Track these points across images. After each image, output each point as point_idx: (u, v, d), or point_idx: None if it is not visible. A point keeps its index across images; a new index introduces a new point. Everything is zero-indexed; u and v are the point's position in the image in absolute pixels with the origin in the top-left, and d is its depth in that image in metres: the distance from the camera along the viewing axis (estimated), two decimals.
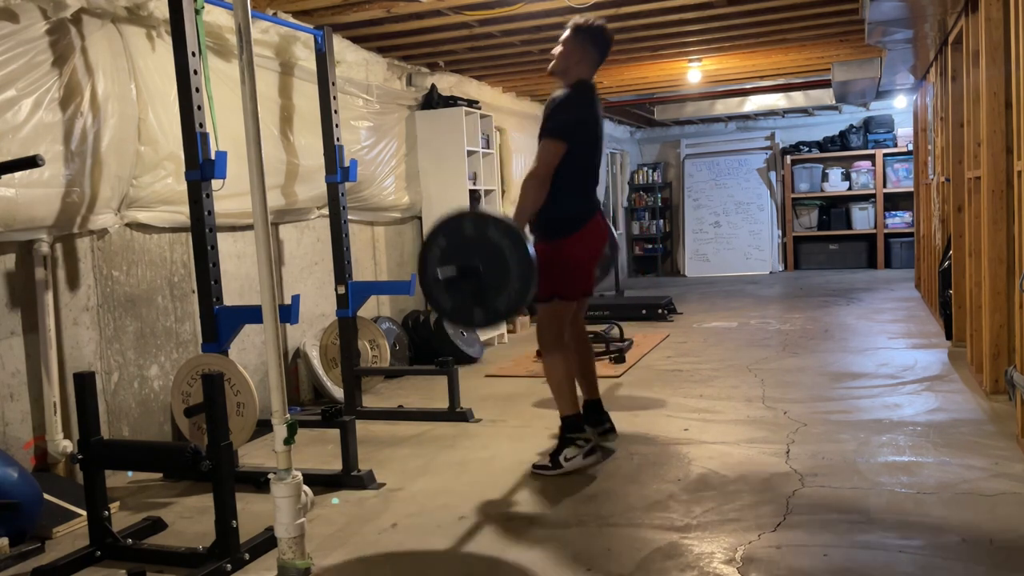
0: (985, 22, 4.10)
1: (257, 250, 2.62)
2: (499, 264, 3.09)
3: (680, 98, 10.12)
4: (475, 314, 3.19)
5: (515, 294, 3.10)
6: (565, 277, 3.52)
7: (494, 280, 3.11)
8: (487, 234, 3.11)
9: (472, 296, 3.17)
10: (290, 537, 2.58)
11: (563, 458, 3.50)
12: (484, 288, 3.13)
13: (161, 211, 4.08)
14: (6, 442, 3.38)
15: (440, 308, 3.28)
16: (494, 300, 3.13)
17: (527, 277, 3.08)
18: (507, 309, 3.14)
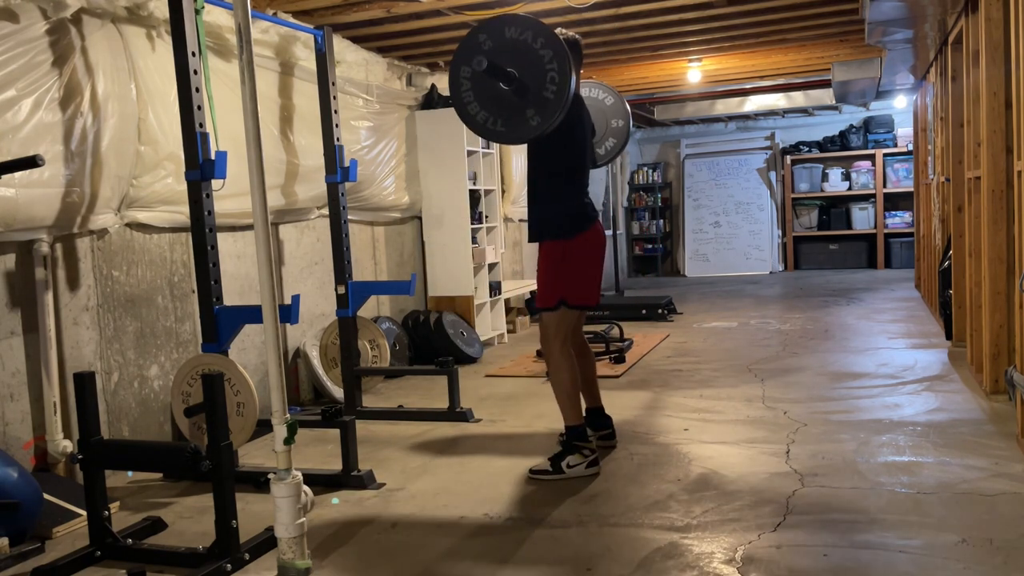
0: (985, 22, 4.10)
1: (257, 250, 2.62)
2: (536, 81, 2.93)
3: (680, 98, 10.12)
4: (500, 123, 3.02)
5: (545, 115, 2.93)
6: (573, 281, 3.49)
7: (526, 95, 2.95)
8: (537, 47, 2.95)
9: (499, 103, 2.99)
10: (290, 537, 2.58)
11: (566, 464, 3.48)
12: (514, 99, 2.96)
13: (161, 211, 4.08)
14: (6, 442, 3.38)
15: (465, 111, 3.09)
16: (522, 115, 2.96)
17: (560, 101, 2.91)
18: (536, 127, 2.96)
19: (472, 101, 3.06)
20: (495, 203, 7.19)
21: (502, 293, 7.19)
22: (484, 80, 3.00)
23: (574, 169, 3.51)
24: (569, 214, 3.48)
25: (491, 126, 3.07)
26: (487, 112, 3.06)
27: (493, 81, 2.98)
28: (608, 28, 5.79)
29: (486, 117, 3.07)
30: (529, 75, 2.95)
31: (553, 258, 3.48)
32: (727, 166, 12.50)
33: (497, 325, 7.13)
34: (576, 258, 3.48)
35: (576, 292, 3.51)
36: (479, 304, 6.75)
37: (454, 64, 3.07)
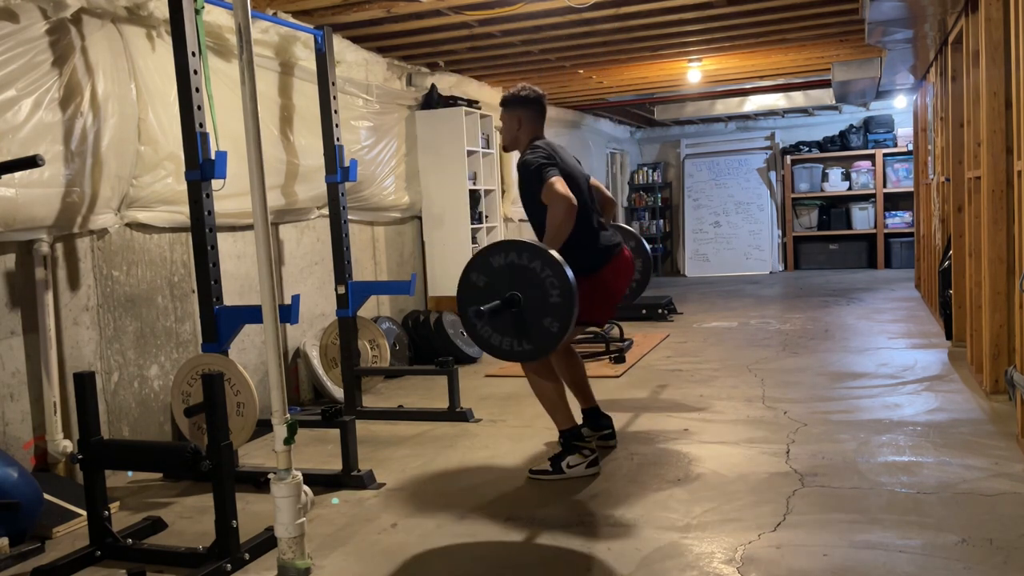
0: (985, 22, 4.10)
1: (257, 250, 2.62)
2: (540, 292, 3.02)
3: (680, 98, 10.12)
4: (520, 344, 3.11)
5: (561, 318, 3.02)
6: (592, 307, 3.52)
7: (537, 308, 3.03)
8: (524, 263, 3.05)
9: (516, 325, 3.08)
10: (290, 537, 2.58)
11: (566, 464, 3.50)
12: (527, 317, 3.05)
13: (161, 211, 4.08)
14: (6, 442, 3.38)
15: (486, 343, 3.19)
16: (540, 326, 3.05)
17: (568, 300, 3.00)
18: (557, 333, 3.04)
19: (492, 334, 3.15)
20: (495, 203, 7.20)
21: None
22: (495, 315, 3.09)
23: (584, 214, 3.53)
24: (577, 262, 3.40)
25: (519, 347, 3.13)
26: (510, 338, 3.12)
27: (504, 312, 3.09)
28: (608, 28, 5.79)
29: (511, 343, 3.13)
30: (531, 290, 3.04)
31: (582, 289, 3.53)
32: (727, 166, 12.50)
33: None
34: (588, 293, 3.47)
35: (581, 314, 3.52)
36: None
37: (461, 314, 3.17)
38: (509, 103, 3.70)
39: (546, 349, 3.11)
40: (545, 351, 3.12)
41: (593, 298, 3.52)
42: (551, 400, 3.58)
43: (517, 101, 3.69)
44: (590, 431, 3.85)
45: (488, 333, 3.15)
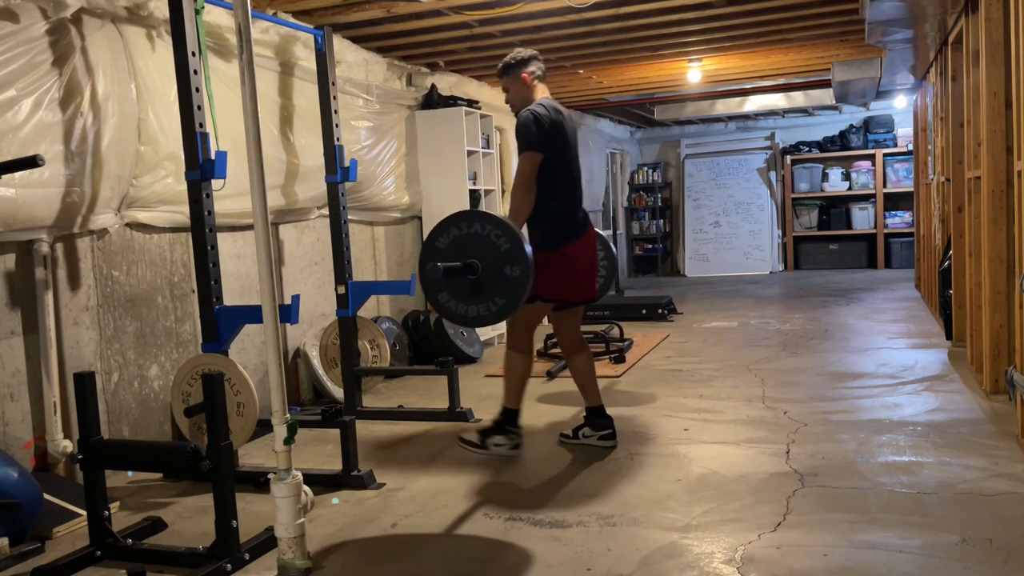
0: (985, 22, 4.10)
1: (257, 250, 2.62)
2: (498, 262, 3.18)
3: (680, 98, 10.12)
4: (473, 311, 3.27)
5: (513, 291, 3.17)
6: (550, 283, 3.69)
7: (493, 277, 3.19)
8: (487, 233, 3.20)
9: (472, 292, 3.24)
10: (290, 537, 2.58)
11: (492, 442, 3.78)
12: (483, 285, 3.21)
13: (161, 211, 4.08)
14: (6, 442, 3.38)
15: (440, 304, 3.34)
16: (493, 296, 3.21)
17: (525, 275, 3.15)
18: (505, 305, 3.20)
19: (450, 300, 3.31)
20: (495, 203, 7.19)
21: None
22: (454, 281, 3.25)
23: (556, 186, 3.71)
24: (549, 231, 3.71)
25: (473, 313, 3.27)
26: (466, 304, 3.27)
27: (462, 278, 3.23)
28: (608, 28, 5.79)
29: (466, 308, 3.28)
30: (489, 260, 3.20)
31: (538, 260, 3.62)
32: (727, 166, 12.50)
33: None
34: (554, 266, 3.69)
35: (552, 291, 3.73)
36: None
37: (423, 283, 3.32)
38: (509, 68, 3.84)
39: (498, 317, 3.25)
40: (497, 319, 3.26)
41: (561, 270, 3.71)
42: (515, 377, 3.79)
43: (517, 65, 3.82)
44: (590, 431, 3.87)
45: (447, 298, 3.29)
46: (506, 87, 3.89)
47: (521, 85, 3.83)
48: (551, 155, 3.67)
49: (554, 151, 3.68)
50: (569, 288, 3.79)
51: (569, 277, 3.76)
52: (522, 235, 3.21)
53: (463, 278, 3.22)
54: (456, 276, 3.22)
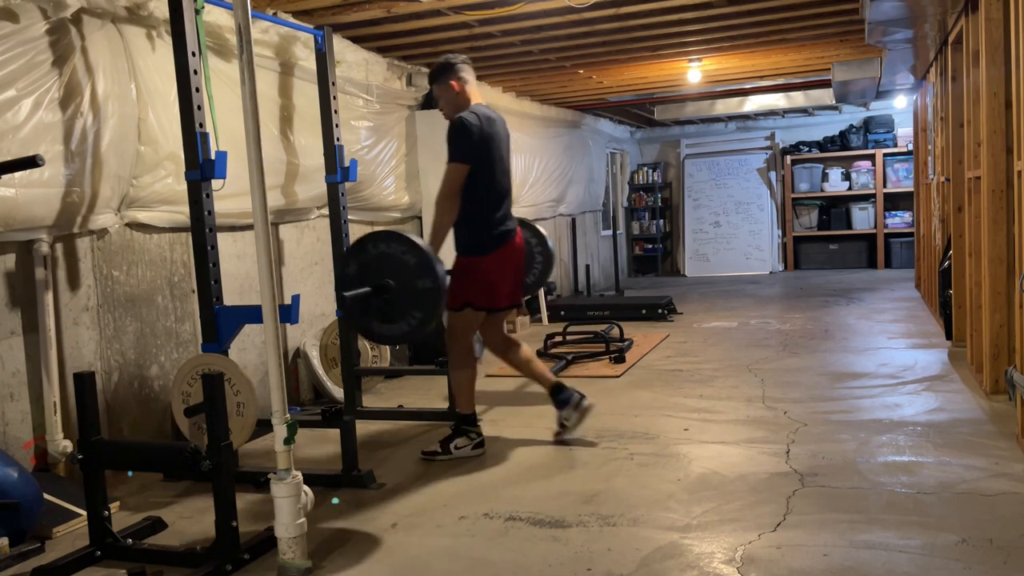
0: (985, 22, 4.11)
1: (257, 250, 2.62)
2: (409, 278, 3.27)
3: (680, 98, 10.12)
4: (396, 328, 3.36)
5: (429, 303, 3.27)
6: (477, 290, 3.81)
7: (407, 293, 3.28)
8: (394, 252, 3.29)
9: (391, 311, 3.33)
10: (290, 537, 2.58)
11: (454, 446, 3.84)
12: (399, 302, 3.30)
13: (161, 211, 4.08)
14: (6, 442, 3.38)
15: (365, 329, 3.44)
16: (411, 312, 3.30)
17: (436, 286, 3.24)
18: (424, 318, 3.29)
19: (373, 322, 3.39)
20: None
21: None
22: (372, 303, 3.34)
23: (484, 196, 3.80)
24: (477, 239, 3.81)
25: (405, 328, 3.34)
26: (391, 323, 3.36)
27: (377, 299, 3.32)
28: (608, 28, 5.79)
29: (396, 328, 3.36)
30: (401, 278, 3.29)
31: (462, 270, 3.83)
32: (727, 166, 12.50)
33: None
34: (480, 272, 3.81)
35: (480, 298, 3.83)
36: None
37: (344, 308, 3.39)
38: (438, 75, 3.87)
39: (420, 330, 3.32)
40: (420, 332, 3.33)
41: (489, 277, 3.81)
42: (461, 384, 3.91)
43: (445, 72, 3.85)
44: (566, 409, 4.01)
45: (369, 321, 3.38)
46: (436, 96, 3.92)
47: (452, 93, 3.84)
48: (479, 165, 3.74)
49: (482, 161, 3.76)
50: (496, 296, 3.88)
51: (496, 284, 3.85)
52: (427, 248, 3.31)
53: (378, 299, 3.29)
54: (371, 299, 3.29)
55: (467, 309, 3.82)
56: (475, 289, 3.80)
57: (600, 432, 4.12)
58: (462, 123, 3.71)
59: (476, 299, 3.81)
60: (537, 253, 4.61)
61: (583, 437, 4.04)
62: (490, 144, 3.79)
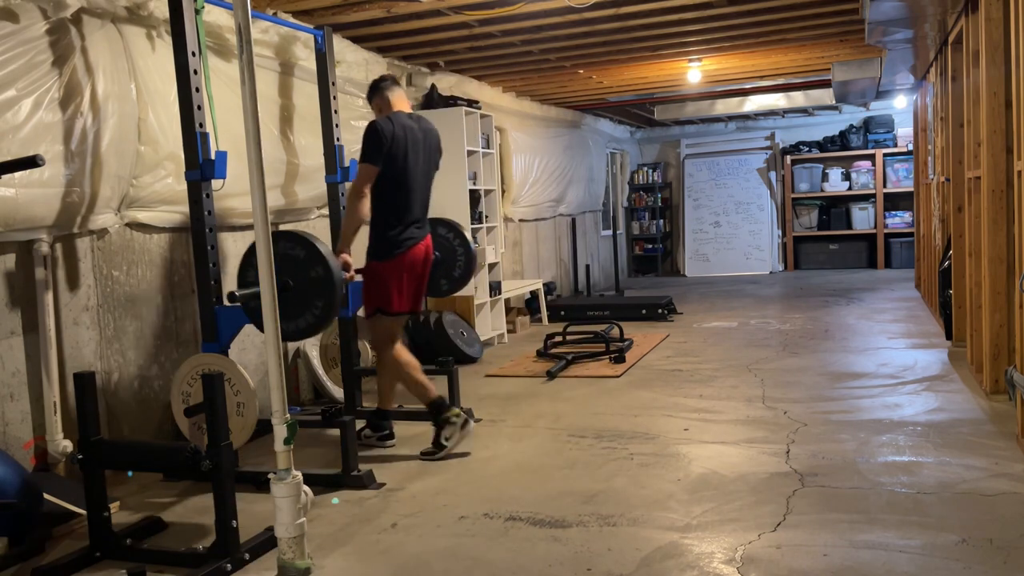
0: (985, 22, 4.11)
1: (257, 250, 2.62)
2: (303, 271, 3.32)
3: (680, 98, 10.12)
4: (302, 322, 3.40)
5: (326, 290, 3.34)
6: (384, 294, 3.90)
7: (305, 286, 3.34)
8: (284, 250, 3.33)
9: (296, 306, 3.37)
10: (290, 537, 2.58)
11: (443, 439, 3.88)
12: (300, 296, 3.35)
13: (161, 211, 4.08)
14: (6, 442, 3.38)
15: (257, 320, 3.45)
16: (313, 302, 3.35)
17: (327, 270, 3.31)
18: (326, 306, 3.36)
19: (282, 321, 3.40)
20: (495, 203, 7.20)
21: (502, 293, 7.19)
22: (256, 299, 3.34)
23: (394, 202, 3.87)
24: (383, 242, 3.89)
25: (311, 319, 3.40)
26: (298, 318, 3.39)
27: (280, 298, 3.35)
28: (608, 28, 5.79)
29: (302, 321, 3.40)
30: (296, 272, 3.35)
31: (370, 275, 3.94)
32: (727, 166, 12.50)
33: (497, 325, 7.13)
34: (386, 277, 3.90)
35: (388, 303, 3.92)
36: (479, 304, 6.75)
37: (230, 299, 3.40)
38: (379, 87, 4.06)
39: (326, 318, 3.39)
40: (326, 320, 3.39)
41: (394, 282, 3.89)
42: (406, 378, 3.96)
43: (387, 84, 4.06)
44: (371, 431, 4.12)
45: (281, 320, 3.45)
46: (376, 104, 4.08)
47: (376, 108, 4.05)
48: (389, 169, 3.81)
49: (393, 165, 3.82)
50: (402, 300, 3.94)
51: (392, 289, 3.91)
52: (311, 238, 3.36)
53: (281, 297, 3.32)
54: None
55: (378, 314, 3.93)
56: (379, 294, 3.91)
57: (600, 432, 4.12)
58: (373, 127, 3.83)
59: (385, 304, 3.91)
60: (459, 253, 4.67)
61: (583, 437, 4.04)
62: (401, 148, 3.85)
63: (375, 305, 3.93)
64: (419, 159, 3.95)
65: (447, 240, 4.59)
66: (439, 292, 4.73)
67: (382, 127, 3.81)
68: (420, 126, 3.99)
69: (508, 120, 8.15)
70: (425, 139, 3.99)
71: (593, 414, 4.48)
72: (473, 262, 4.69)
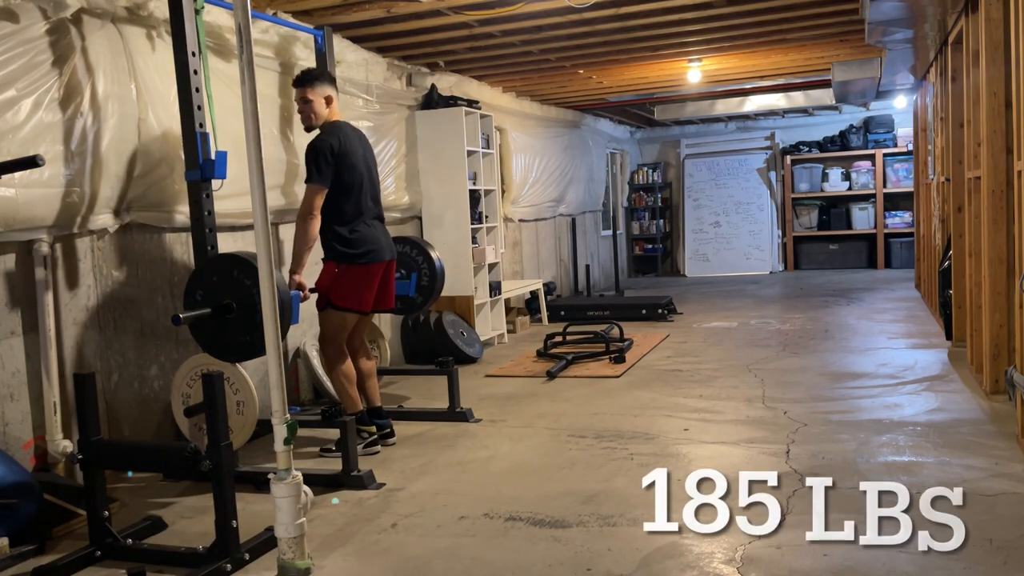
0: (985, 22, 4.10)
1: (257, 250, 2.62)
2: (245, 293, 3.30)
3: (680, 98, 10.12)
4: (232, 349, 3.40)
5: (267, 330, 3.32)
6: (339, 291, 3.95)
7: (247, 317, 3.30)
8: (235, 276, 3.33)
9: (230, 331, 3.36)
10: (290, 537, 2.58)
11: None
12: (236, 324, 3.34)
13: (161, 211, 4.07)
14: (6, 442, 3.38)
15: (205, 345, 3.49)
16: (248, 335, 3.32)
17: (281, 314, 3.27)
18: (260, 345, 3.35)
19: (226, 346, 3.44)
20: (495, 203, 7.19)
21: (502, 293, 7.19)
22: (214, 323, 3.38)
23: (349, 211, 3.91)
24: (339, 247, 3.93)
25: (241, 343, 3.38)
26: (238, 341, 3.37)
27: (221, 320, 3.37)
28: (608, 28, 5.78)
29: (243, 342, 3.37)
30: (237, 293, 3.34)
31: (329, 274, 3.99)
32: (727, 166, 12.49)
33: (497, 325, 7.13)
34: (345, 280, 3.94)
35: (342, 301, 3.96)
36: (479, 304, 6.75)
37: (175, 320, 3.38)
38: (321, 79, 3.92)
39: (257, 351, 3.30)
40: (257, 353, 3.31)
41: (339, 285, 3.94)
42: (342, 385, 4.00)
43: (330, 79, 3.97)
44: (375, 430, 4.09)
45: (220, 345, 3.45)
46: (299, 99, 3.93)
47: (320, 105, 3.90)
48: (338, 184, 3.82)
49: (339, 180, 3.83)
50: (361, 300, 3.98)
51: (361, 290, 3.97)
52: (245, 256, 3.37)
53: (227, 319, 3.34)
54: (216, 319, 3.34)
55: (329, 309, 3.96)
56: (335, 291, 3.94)
57: (600, 432, 4.12)
58: (318, 145, 3.80)
59: (338, 300, 3.94)
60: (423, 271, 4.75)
61: (583, 437, 4.04)
62: (351, 161, 3.87)
63: (328, 300, 3.97)
64: (364, 161, 3.99)
65: (409, 256, 4.70)
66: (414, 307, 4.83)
67: (328, 144, 3.80)
68: (352, 128, 4.04)
69: (508, 120, 8.15)
70: (361, 139, 4.04)
71: (593, 414, 4.48)
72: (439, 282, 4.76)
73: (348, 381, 4.00)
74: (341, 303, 3.96)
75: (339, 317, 3.99)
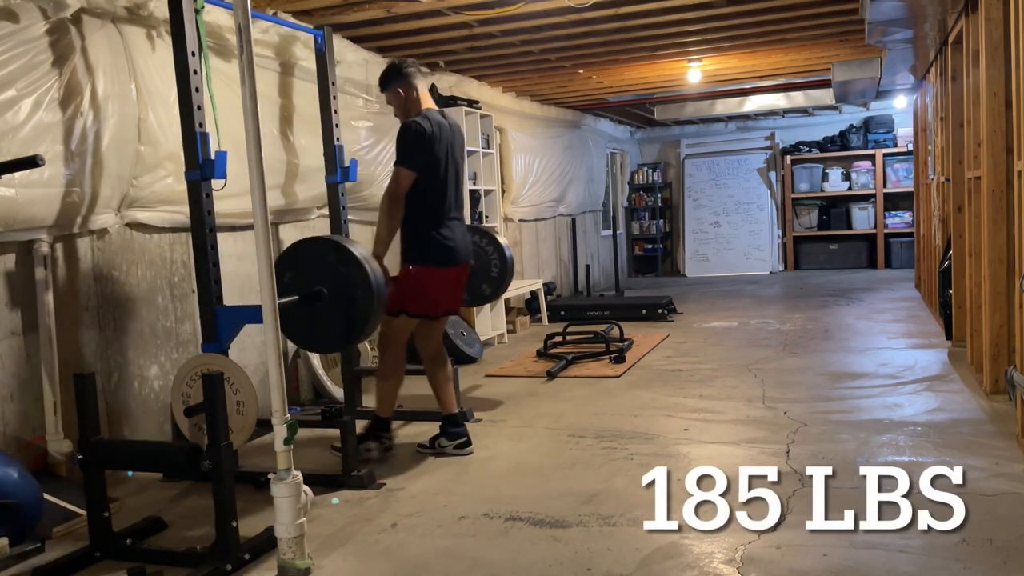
0: (985, 22, 4.10)
1: (257, 250, 2.62)
2: (344, 289, 3.31)
3: (680, 98, 10.12)
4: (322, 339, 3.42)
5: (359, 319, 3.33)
6: (415, 299, 3.85)
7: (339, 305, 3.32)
8: (330, 260, 3.34)
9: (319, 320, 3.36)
10: (290, 537, 2.58)
11: (364, 448, 3.89)
12: (329, 312, 3.33)
13: (161, 211, 4.08)
14: (6, 442, 3.38)
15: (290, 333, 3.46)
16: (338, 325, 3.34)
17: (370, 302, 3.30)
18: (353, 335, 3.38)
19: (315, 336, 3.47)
20: (495, 203, 7.20)
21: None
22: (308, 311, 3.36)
23: (434, 207, 3.82)
24: (422, 248, 3.84)
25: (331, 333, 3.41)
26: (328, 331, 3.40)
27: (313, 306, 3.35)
28: (608, 28, 5.78)
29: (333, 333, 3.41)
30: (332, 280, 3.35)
31: (405, 276, 3.87)
32: (727, 166, 12.49)
33: (497, 325, 7.13)
34: (421, 283, 3.85)
35: (416, 306, 3.88)
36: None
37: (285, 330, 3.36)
38: (386, 80, 3.89)
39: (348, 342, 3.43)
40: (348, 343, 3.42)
41: (415, 288, 3.84)
42: (387, 388, 3.98)
43: (394, 77, 3.88)
44: (446, 440, 3.97)
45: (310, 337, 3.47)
46: (388, 100, 3.95)
47: (400, 98, 3.87)
48: (426, 173, 3.74)
49: (429, 168, 3.75)
50: (434, 303, 3.91)
51: (435, 294, 3.89)
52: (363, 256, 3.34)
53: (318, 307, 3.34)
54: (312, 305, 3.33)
55: (402, 316, 3.86)
56: (411, 298, 3.84)
57: (600, 432, 4.12)
58: (409, 127, 3.74)
59: (411, 308, 3.86)
60: (494, 261, 4.69)
61: (583, 437, 4.04)
62: (439, 151, 3.79)
63: (401, 306, 3.84)
64: (454, 157, 3.90)
65: (480, 247, 4.61)
66: (483, 298, 4.77)
67: (420, 127, 3.72)
68: (448, 121, 3.93)
69: (508, 120, 8.15)
70: (454, 135, 3.93)
71: (593, 414, 4.48)
72: (509, 272, 4.70)
73: (393, 391, 4.00)
74: (412, 309, 3.86)
75: (407, 321, 3.90)
